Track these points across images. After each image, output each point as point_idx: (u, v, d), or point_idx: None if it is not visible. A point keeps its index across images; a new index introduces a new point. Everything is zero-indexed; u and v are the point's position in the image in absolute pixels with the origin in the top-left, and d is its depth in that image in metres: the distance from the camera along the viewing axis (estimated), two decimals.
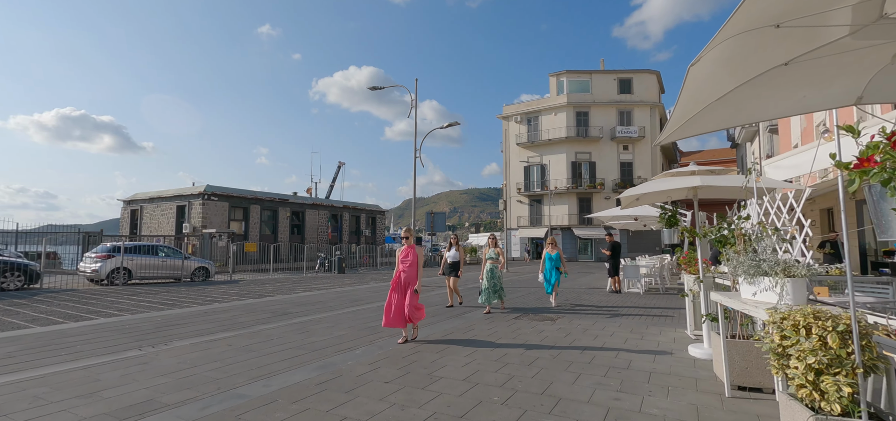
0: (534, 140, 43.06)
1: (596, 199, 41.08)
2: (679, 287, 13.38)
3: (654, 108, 41.48)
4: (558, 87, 43.05)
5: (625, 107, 41.64)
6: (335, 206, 38.30)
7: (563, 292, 12.72)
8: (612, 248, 12.72)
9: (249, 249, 25.74)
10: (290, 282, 16.90)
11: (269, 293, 12.64)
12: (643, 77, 42.12)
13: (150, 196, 31.26)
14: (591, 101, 41.87)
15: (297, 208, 34.71)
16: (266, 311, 9.17)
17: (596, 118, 41.77)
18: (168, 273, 15.79)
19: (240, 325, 7.54)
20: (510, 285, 14.83)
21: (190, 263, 16.54)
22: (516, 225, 43.67)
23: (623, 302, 10.55)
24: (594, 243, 40.59)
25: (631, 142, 41.15)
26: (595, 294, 12.28)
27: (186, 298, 11.55)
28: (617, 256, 12.67)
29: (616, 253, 12.68)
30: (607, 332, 6.98)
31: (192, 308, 9.66)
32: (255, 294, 12.46)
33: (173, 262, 15.94)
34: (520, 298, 11.49)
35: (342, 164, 61.61)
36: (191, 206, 28.39)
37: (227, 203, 29.36)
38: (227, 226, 29.05)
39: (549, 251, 9.78)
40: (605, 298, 11.46)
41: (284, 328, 7.25)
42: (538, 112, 43.61)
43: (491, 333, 6.91)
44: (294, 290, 13.68)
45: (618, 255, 12.70)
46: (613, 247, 12.74)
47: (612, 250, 12.73)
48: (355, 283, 16.51)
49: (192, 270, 16.56)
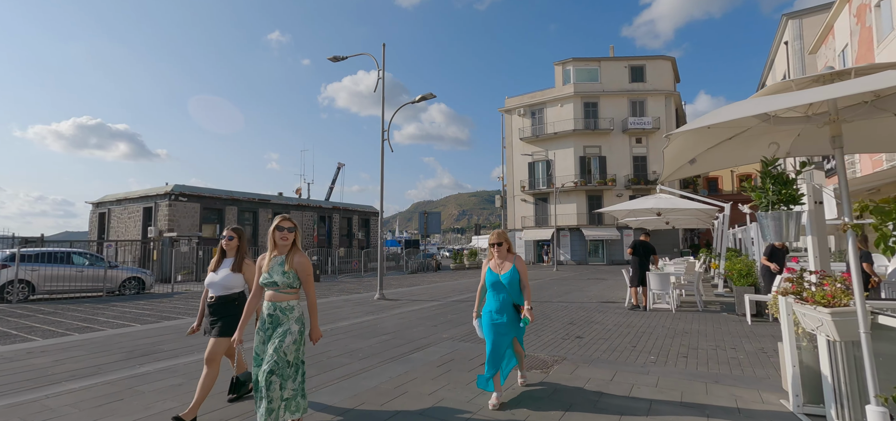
0: (538, 134, 39.93)
1: (607, 196, 37.81)
2: (722, 301, 10.24)
3: (670, 96, 38.16)
4: (564, 76, 39.91)
5: (637, 96, 38.36)
6: (324, 207, 35.55)
7: (567, 310, 9.64)
8: (635, 248, 9.63)
9: None
10: None
11: (194, 311, 9.81)
12: (657, 64, 38.83)
13: (117, 198, 28.75)
14: (600, 91, 38.65)
15: (280, 210, 31.97)
16: (145, 345, 6.28)
17: (606, 109, 38.53)
18: (87, 286, 13.02)
19: (99, 369, 4.65)
20: None
21: (118, 274, 13.77)
22: (520, 226, 40.54)
23: (653, 327, 7.48)
24: (605, 245, 37.33)
25: (644, 134, 37.84)
26: (610, 313, 9.20)
27: (85, 318, 8.74)
28: (645, 260, 9.55)
29: (644, 256, 9.57)
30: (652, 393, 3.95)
31: (70, 337, 6.83)
32: (177, 312, 9.61)
33: (94, 272, 13.17)
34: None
35: (342, 165, 59.05)
36: (157, 207, 25.77)
37: (199, 204, 26.69)
38: (198, 229, 26.38)
39: (493, 267, 4.06)
40: (626, 320, 8.38)
41: (125, 381, 4.33)
42: (543, 104, 40.49)
43: None
44: None
45: (647, 259, 9.58)
46: (639, 247, 9.63)
47: (635, 250, 9.62)
48: (321, 296, 13.59)
49: (120, 282, 13.78)
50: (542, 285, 15.93)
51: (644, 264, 9.45)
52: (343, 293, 13.98)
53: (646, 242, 9.71)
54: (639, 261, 9.48)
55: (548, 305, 10.36)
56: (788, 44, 25.88)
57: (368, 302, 11.33)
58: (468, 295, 12.80)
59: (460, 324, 8.00)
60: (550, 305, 10.35)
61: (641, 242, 9.72)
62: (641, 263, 9.45)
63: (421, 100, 11.88)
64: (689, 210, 12.88)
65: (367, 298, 12.25)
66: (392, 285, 16.86)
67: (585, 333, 7.09)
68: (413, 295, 13.11)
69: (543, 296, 12.42)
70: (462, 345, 6.29)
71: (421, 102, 11.83)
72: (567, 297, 12.14)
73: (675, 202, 11.63)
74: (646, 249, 9.60)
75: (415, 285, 16.63)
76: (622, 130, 37.99)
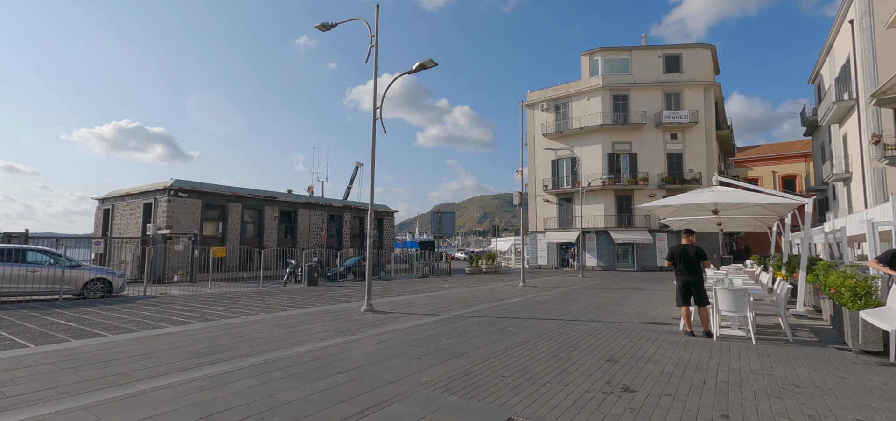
0: (563, 129, 37.23)
1: (638, 196, 34.80)
2: (811, 325, 7.65)
3: (709, 88, 34.88)
4: (592, 67, 37.10)
5: (672, 88, 35.23)
6: (334, 205, 33.87)
7: (603, 336, 7.28)
8: (672, 255, 7.22)
9: (218, 254, 21.41)
10: (221, 301, 12.20)
11: (159, 321, 7.95)
12: (694, 52, 35.59)
13: (120, 194, 27.73)
14: (631, 83, 35.70)
15: (287, 207, 30.44)
16: None
17: (637, 102, 35.54)
18: (40, 287, 11.40)
19: None
20: (535, 317, 9.52)
21: (79, 274, 12.13)
22: (542, 227, 37.90)
23: (737, 372, 5.09)
24: (636, 249, 34.33)
25: (680, 129, 34.69)
26: (663, 343, 6.80)
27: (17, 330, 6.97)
28: (693, 268, 7.05)
29: (690, 262, 7.08)
30: None
31: None
32: (132, 325, 7.77)
33: (50, 272, 11.55)
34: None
35: (360, 164, 57.61)
36: (157, 203, 24.49)
37: (200, 201, 25.30)
38: (199, 227, 24.99)
39: None
40: (690, 357, 5.99)
41: None
42: (568, 97, 37.77)
43: None
44: (186, 317, 8.91)
45: (695, 267, 7.06)
46: (680, 254, 7.12)
47: (673, 259, 7.19)
48: (304, 303, 11.59)
49: (83, 283, 12.15)
50: (566, 295, 13.52)
51: (693, 274, 6.97)
52: (330, 301, 11.95)
53: (690, 246, 7.20)
54: (685, 269, 7.00)
55: (575, 327, 8.03)
56: (855, 22, 22.58)
57: (351, 315, 9.24)
58: (475, 307, 10.56)
59: (454, 355, 5.79)
60: (579, 327, 8.02)
61: (682, 248, 7.20)
62: (688, 272, 6.97)
63: (419, 68, 9.73)
64: (754, 206, 10.29)
65: (353, 309, 10.17)
66: (392, 292, 14.76)
67: (635, 381, 4.76)
68: (410, 306, 10.96)
69: (569, 311, 10.06)
70: (446, 400, 4.09)
71: (420, 71, 9.69)
72: (600, 313, 9.75)
73: (739, 196, 9.09)
74: (692, 255, 7.09)
75: (417, 293, 14.48)
76: (655, 125, 34.92)
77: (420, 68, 9.73)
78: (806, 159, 48.24)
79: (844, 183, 26.21)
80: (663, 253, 33.79)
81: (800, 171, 50.08)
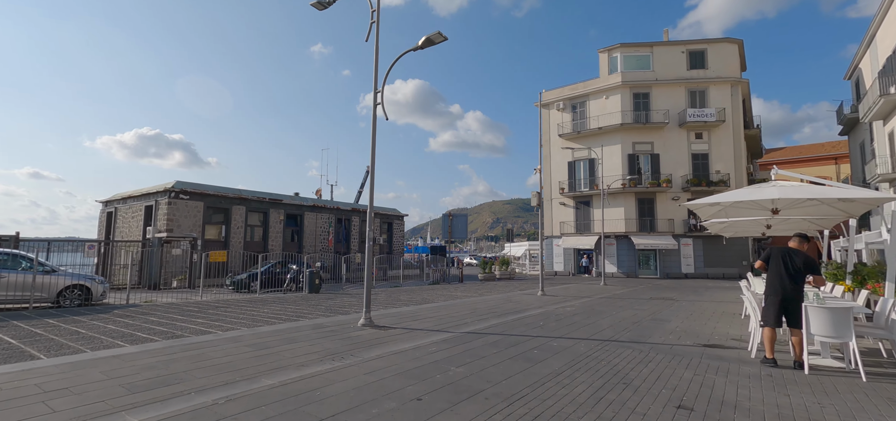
0: (580, 130, 35.58)
1: (660, 199, 32.95)
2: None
3: (736, 85, 32.93)
4: (611, 64, 35.43)
5: (697, 85, 33.37)
6: (342, 209, 32.71)
7: (657, 366, 5.78)
8: (770, 258, 5.66)
9: (216, 258, 20.31)
10: (205, 311, 10.96)
11: (118, 339, 6.71)
12: (720, 47, 33.70)
13: (123, 196, 26.94)
14: (652, 80, 33.93)
15: (293, 210, 29.36)
16: None
17: (659, 100, 33.74)
18: (8, 295, 10.27)
19: None
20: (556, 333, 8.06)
21: (55, 280, 11.00)
22: (559, 232, 36.20)
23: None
24: (659, 255, 32.42)
25: (706, 128, 32.79)
26: (741, 377, 5.28)
27: None
28: (797, 280, 5.48)
29: (799, 276, 5.49)
30: None
31: None
32: (83, 343, 6.54)
33: (21, 278, 10.43)
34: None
35: None
36: (157, 206, 23.57)
37: (202, 203, 24.32)
38: (201, 230, 24.00)
39: None
40: (789, 402, 4.46)
41: None
42: (585, 96, 36.14)
43: None
44: (153, 332, 7.65)
45: (798, 280, 5.47)
46: (794, 262, 5.53)
47: (783, 267, 5.55)
48: (297, 314, 10.27)
49: (58, 291, 11.02)
50: (593, 307, 11.96)
51: (794, 289, 5.43)
52: (326, 312, 10.60)
53: (797, 253, 5.65)
54: (783, 280, 5.46)
55: (616, 350, 6.53)
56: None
57: (346, 331, 7.87)
58: (491, 321, 9.11)
59: (467, 395, 4.36)
60: (621, 351, 6.51)
61: (785, 251, 5.66)
62: (788, 284, 5.43)
63: (425, 43, 8.37)
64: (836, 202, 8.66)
65: (350, 323, 8.80)
66: (398, 301, 13.38)
67: None
68: (416, 318, 9.55)
69: (602, 328, 8.54)
70: None
71: (427, 46, 8.34)
72: (640, 332, 8.21)
73: (813, 192, 7.49)
74: (798, 264, 5.53)
75: (426, 302, 13.07)
76: (679, 124, 33.07)
77: (427, 43, 8.37)
78: (837, 161, 45.77)
79: (891, 184, 24.09)
80: (688, 259, 31.82)
81: (829, 174, 47.51)
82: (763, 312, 5.61)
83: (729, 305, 12.98)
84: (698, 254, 31.99)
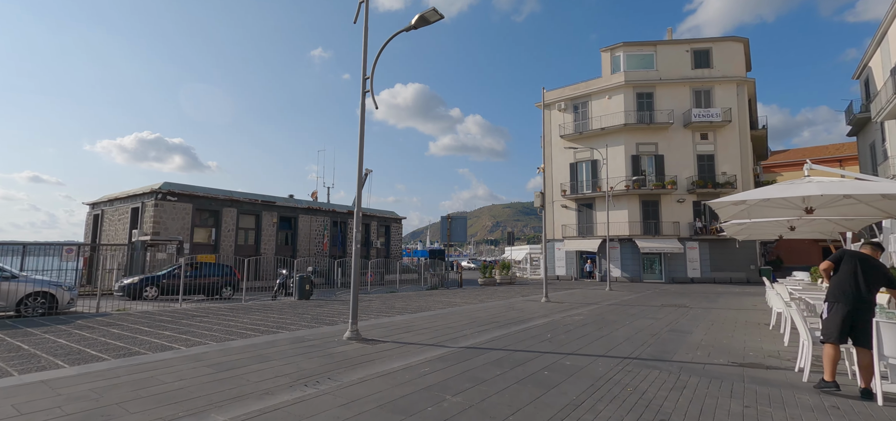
0: (582, 130, 34.71)
1: (665, 201, 32.05)
2: None
3: (742, 84, 32.10)
4: (613, 63, 34.60)
5: (702, 84, 32.53)
6: (338, 211, 31.77)
7: (697, 397, 4.84)
8: (841, 260, 4.74)
9: (204, 261, 19.38)
10: (178, 321, 10.01)
11: (61, 358, 5.78)
12: (725, 46, 32.90)
13: (110, 198, 26.01)
14: (656, 80, 33.10)
15: (286, 213, 28.42)
16: None
17: (663, 100, 32.90)
18: None
19: None
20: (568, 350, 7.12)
21: (15, 287, 10.06)
22: (561, 235, 35.27)
23: None
24: (664, 259, 31.49)
25: (711, 128, 31.92)
26: (804, 409, 4.34)
27: None
28: (868, 293, 4.50)
29: (872, 287, 4.56)
30: None
31: None
32: (19, 363, 5.62)
33: None
34: None
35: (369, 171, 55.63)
36: (144, 208, 22.63)
37: (191, 205, 23.38)
38: (189, 233, 23.06)
39: None
40: None
41: None
42: (587, 96, 35.30)
43: None
44: (107, 349, 6.71)
45: (869, 292, 4.50)
46: (868, 271, 4.59)
47: (856, 275, 4.59)
48: (278, 325, 9.31)
49: (19, 299, 10.07)
50: (603, 316, 11.01)
51: (865, 302, 4.48)
52: (311, 322, 9.65)
53: (871, 261, 4.66)
54: (860, 289, 4.49)
55: (641, 371, 5.60)
56: None
57: (328, 345, 6.93)
58: (493, 333, 8.17)
59: None
60: (647, 373, 5.58)
61: (859, 257, 4.69)
62: (859, 296, 4.48)
63: (420, 21, 7.48)
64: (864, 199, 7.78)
65: (334, 335, 7.86)
66: (392, 309, 12.43)
67: None
68: (410, 329, 8.61)
69: (617, 342, 7.60)
70: None
71: (422, 25, 7.46)
72: (662, 347, 7.27)
73: (857, 187, 6.59)
74: (872, 274, 4.58)
75: (422, 310, 12.13)
76: (684, 124, 32.21)
77: (422, 22, 7.47)
78: (842, 164, 44.96)
79: None
80: (694, 263, 30.89)
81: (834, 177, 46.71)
82: (825, 324, 4.68)
83: (749, 312, 12.05)
84: (704, 258, 31.06)
